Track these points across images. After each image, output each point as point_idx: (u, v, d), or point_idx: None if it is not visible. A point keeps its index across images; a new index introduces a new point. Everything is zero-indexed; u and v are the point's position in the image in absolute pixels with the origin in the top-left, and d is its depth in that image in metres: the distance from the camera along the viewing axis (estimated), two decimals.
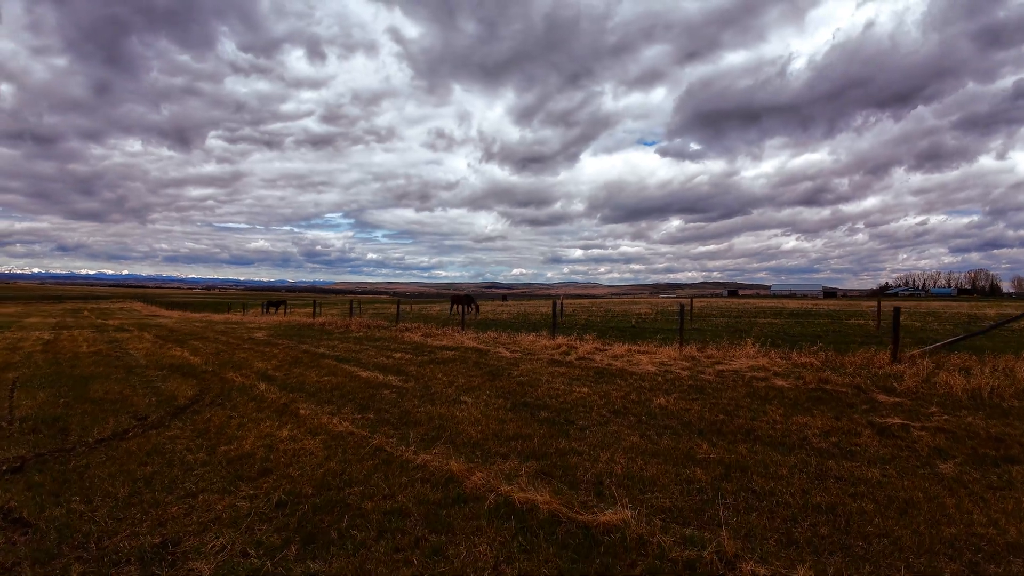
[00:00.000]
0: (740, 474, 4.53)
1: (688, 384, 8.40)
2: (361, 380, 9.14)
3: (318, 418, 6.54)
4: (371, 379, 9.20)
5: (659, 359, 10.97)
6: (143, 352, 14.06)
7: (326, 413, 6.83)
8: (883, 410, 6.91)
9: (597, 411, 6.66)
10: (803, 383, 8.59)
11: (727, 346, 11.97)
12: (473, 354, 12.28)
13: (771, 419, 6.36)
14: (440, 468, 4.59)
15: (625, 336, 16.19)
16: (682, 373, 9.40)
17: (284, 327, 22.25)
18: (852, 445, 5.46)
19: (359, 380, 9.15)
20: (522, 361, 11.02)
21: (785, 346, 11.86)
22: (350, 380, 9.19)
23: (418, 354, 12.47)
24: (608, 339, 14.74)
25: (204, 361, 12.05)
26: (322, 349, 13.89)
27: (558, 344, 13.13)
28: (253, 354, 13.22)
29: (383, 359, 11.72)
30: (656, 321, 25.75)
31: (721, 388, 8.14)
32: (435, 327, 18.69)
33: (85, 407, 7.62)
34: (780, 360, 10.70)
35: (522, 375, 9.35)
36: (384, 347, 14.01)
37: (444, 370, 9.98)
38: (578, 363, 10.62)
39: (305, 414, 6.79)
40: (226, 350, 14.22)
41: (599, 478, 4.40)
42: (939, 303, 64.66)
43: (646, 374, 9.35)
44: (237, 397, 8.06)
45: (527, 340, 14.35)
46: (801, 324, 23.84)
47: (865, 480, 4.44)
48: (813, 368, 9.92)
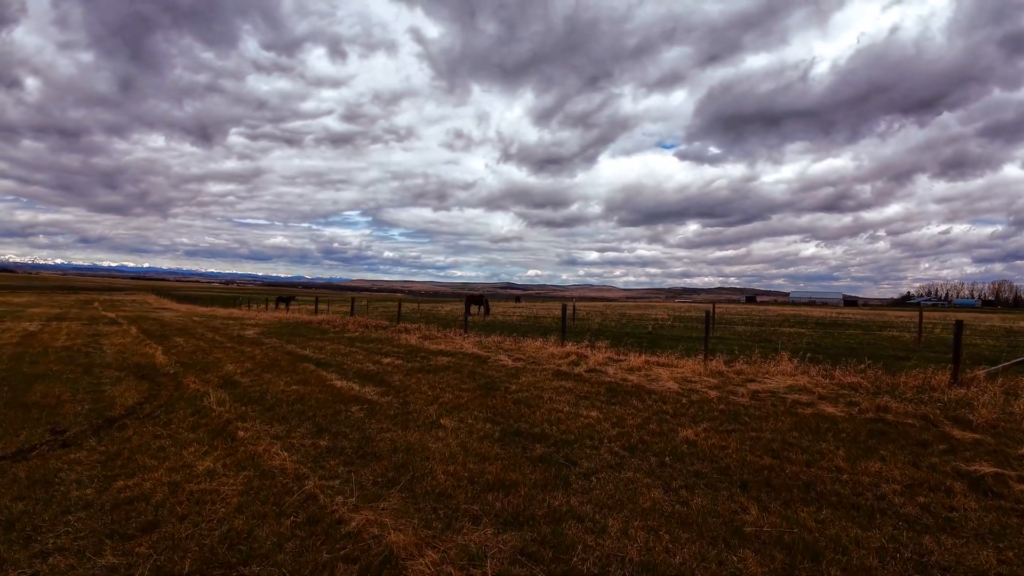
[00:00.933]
0: (811, 564, 3.13)
1: (719, 409, 6.95)
2: (333, 391, 7.84)
3: (256, 444, 5.23)
4: (344, 390, 7.89)
5: (682, 374, 9.53)
6: (116, 348, 12.97)
7: (271, 437, 5.52)
8: (964, 451, 5.44)
9: (608, 446, 5.25)
10: (858, 411, 7.11)
11: (759, 360, 10.49)
12: (471, 361, 10.94)
13: (833, 464, 4.90)
14: (378, 540, 3.23)
15: (642, 344, 14.74)
16: (710, 393, 7.95)
17: (281, 324, 21.15)
18: (947, 509, 4.02)
19: (330, 391, 7.85)
20: (524, 372, 9.65)
21: (824, 361, 10.34)
22: (320, 390, 7.90)
23: (409, 359, 11.17)
24: (623, 347, 13.31)
25: (172, 361, 10.87)
26: (307, 351, 12.66)
27: (567, 352, 11.74)
28: (230, 354, 12.04)
29: (368, 365, 10.43)
30: (674, 328, 24.16)
31: (760, 416, 6.69)
32: (437, 329, 17.40)
33: (10, 414, 6.47)
34: (823, 379, 9.20)
35: (521, 390, 7.98)
36: (375, 350, 12.74)
37: (432, 381, 8.65)
38: (588, 376, 9.21)
39: (244, 436, 5.49)
40: (205, 349, 13.07)
41: (605, 568, 3.02)
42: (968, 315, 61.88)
43: (667, 393, 7.92)
44: (180, 409, 6.81)
45: (533, 347, 12.98)
46: (831, 335, 22.10)
47: None
48: (864, 391, 8.42)
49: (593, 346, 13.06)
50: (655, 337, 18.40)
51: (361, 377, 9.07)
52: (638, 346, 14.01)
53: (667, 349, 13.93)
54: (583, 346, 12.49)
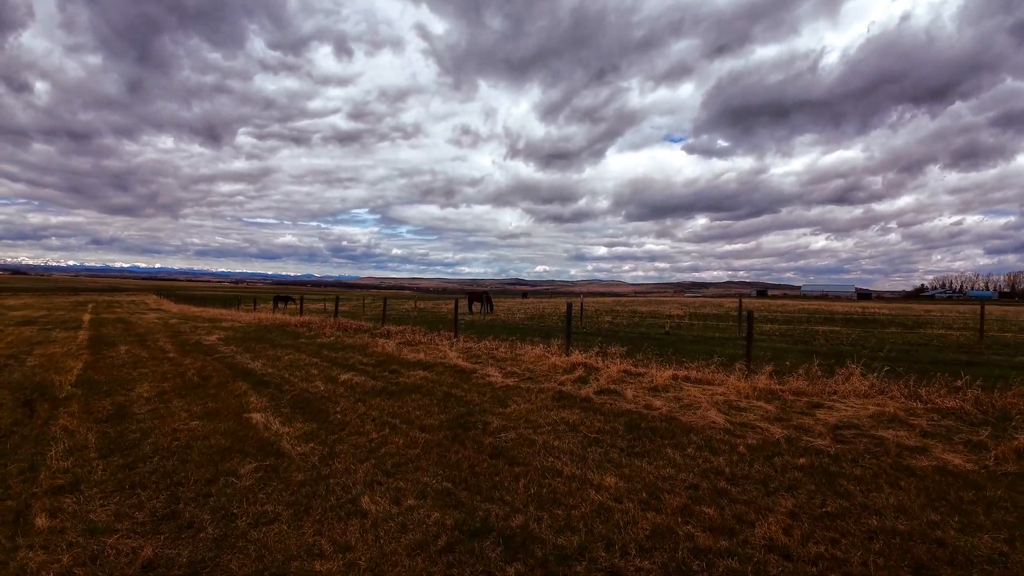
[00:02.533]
0: None
1: (798, 464, 4.61)
2: (240, 432, 5.59)
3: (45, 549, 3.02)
4: (258, 430, 5.63)
5: (723, 395, 7.22)
6: (38, 361, 10.82)
7: (81, 529, 3.31)
8: None
9: (638, 564, 2.98)
10: (993, 461, 4.80)
11: (815, 372, 8.15)
12: (450, 377, 8.67)
13: None
14: None
15: (661, 349, 12.44)
16: (772, 431, 5.63)
17: (255, 328, 19.00)
18: None
19: (237, 431, 5.61)
20: (515, 394, 7.36)
21: (882, 370, 8.03)
22: (225, 429, 5.67)
23: (375, 375, 8.92)
24: (640, 354, 11.02)
25: (83, 380, 8.72)
26: (257, 363, 10.46)
27: (572, 364, 9.44)
28: (162, 369, 9.86)
29: (318, 384, 8.19)
30: (693, 327, 21.73)
31: (864, 476, 4.35)
32: (423, 332, 15.15)
33: None
34: (911, 403, 6.86)
35: (506, 428, 5.68)
36: (339, 361, 10.51)
37: (388, 412, 6.38)
38: (600, 402, 6.91)
39: (43, 526, 3.29)
40: (139, 362, 10.90)
41: None
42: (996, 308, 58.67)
43: (712, 432, 5.60)
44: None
45: (532, 355, 10.69)
46: (872, 335, 19.61)
47: None
48: (975, 421, 6.10)
49: (605, 353, 10.76)
50: (674, 339, 16.05)
51: (297, 405, 6.83)
52: (657, 351, 11.71)
53: (691, 355, 11.60)
54: (592, 354, 10.18)
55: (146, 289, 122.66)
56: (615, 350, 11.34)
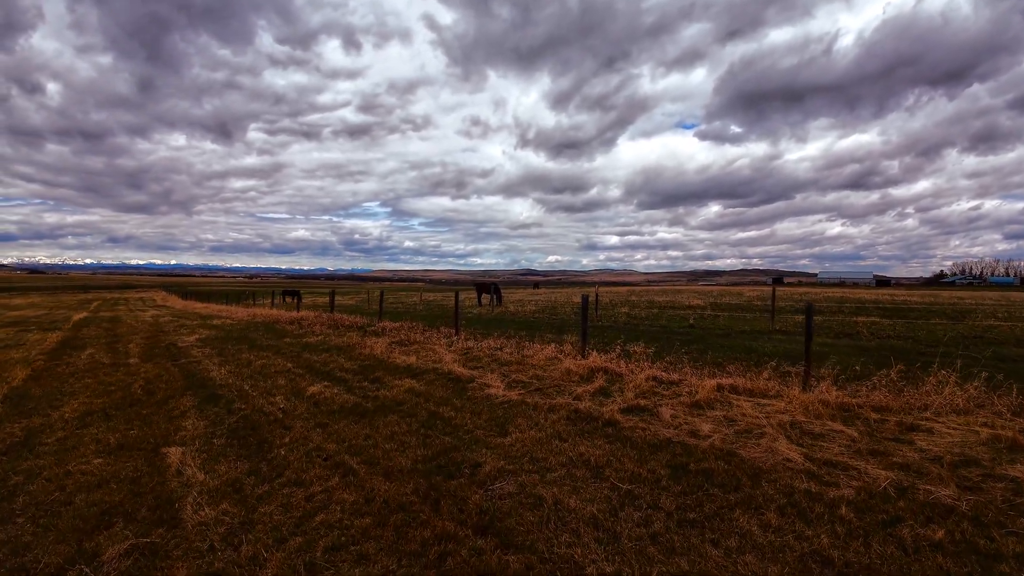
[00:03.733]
0: None
1: (938, 541, 3.04)
2: (146, 479, 4.13)
3: None
4: (167, 477, 4.17)
5: (786, 414, 5.62)
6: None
7: None
8: None
9: None
10: None
11: (894, 380, 6.52)
12: (442, 388, 7.15)
13: None
14: None
15: (689, 345, 10.83)
16: (872, 473, 4.03)
17: (244, 325, 17.65)
18: None
19: (143, 478, 4.15)
20: (519, 413, 5.82)
21: (973, 377, 6.36)
22: (128, 473, 4.21)
23: (352, 385, 7.43)
24: (668, 353, 9.42)
25: (8, 395, 7.34)
26: (224, 368, 9.03)
27: (590, 369, 7.86)
28: (110, 379, 8.46)
29: (280, 399, 6.70)
30: (718, 319, 19.95)
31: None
32: (422, 329, 13.65)
33: None
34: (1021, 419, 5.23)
35: (503, 474, 4.14)
36: (318, 366, 9.05)
37: (351, 443, 4.87)
38: (628, 424, 5.34)
39: None
40: (94, 370, 9.53)
41: None
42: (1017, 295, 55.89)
43: (789, 475, 4.02)
44: None
45: (542, 356, 9.14)
46: (915, 326, 17.75)
47: None
48: None
49: (627, 353, 9.17)
50: (701, 333, 14.38)
51: (237, 433, 5.34)
52: (686, 350, 10.11)
53: (726, 354, 9.96)
54: (613, 356, 8.59)
55: (159, 286, 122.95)
56: (639, 349, 9.76)
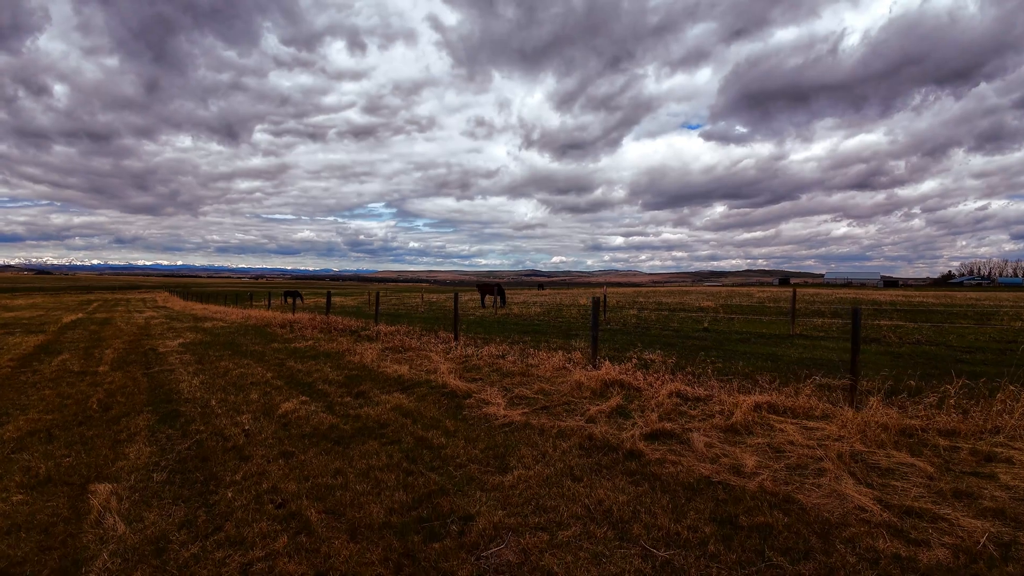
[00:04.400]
0: None
1: None
2: (56, 529, 3.23)
3: None
4: (83, 528, 3.26)
5: (840, 439, 4.67)
6: None
7: None
8: None
9: None
10: None
11: (950, 395, 5.57)
12: (434, 406, 6.24)
13: None
14: None
15: (706, 350, 9.88)
16: (965, 524, 3.06)
17: (233, 329, 16.79)
18: None
19: (54, 528, 3.24)
20: (522, 441, 4.89)
21: None
22: (41, 519, 3.30)
23: (332, 402, 6.52)
24: (687, 360, 8.48)
25: None
26: (197, 379, 8.14)
27: (604, 381, 6.91)
28: (70, 390, 7.57)
29: (246, 418, 5.79)
30: (732, 321, 18.96)
31: None
32: (419, 333, 12.75)
33: None
34: None
35: (501, 531, 3.18)
36: (300, 376, 8.15)
37: (316, 481, 3.95)
38: (654, 456, 4.40)
39: None
40: (59, 379, 8.65)
41: None
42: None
43: (865, 530, 3.07)
44: None
45: (549, 366, 8.21)
46: (942, 329, 16.70)
47: None
48: None
49: (644, 362, 8.23)
50: (718, 337, 13.40)
51: (184, 464, 4.43)
52: (706, 357, 9.17)
53: (750, 362, 9.00)
54: (629, 366, 7.65)
55: (163, 287, 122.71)
56: (655, 358, 8.83)
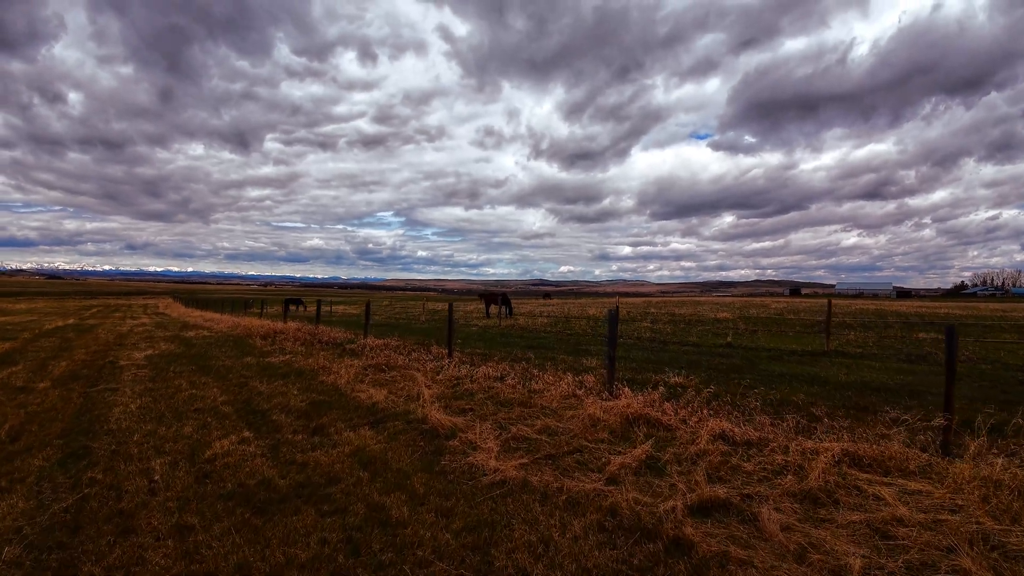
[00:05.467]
0: None
1: None
2: None
3: None
4: None
5: (953, 513, 3.26)
6: None
7: None
8: None
9: None
10: None
11: None
12: (406, 451, 4.85)
13: None
14: None
15: (738, 372, 8.46)
16: None
17: (215, 338, 15.53)
18: None
19: None
20: (516, 513, 3.50)
21: None
22: None
23: (281, 441, 5.15)
24: (718, 383, 7.07)
25: None
26: (137, 403, 6.81)
27: (624, 416, 5.51)
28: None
29: (157, 464, 4.46)
30: (755, 335, 17.43)
31: None
32: (410, 346, 11.40)
33: None
34: None
35: None
36: (259, 401, 6.81)
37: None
38: (709, 548, 3.00)
39: None
40: None
41: None
42: None
43: None
44: None
45: (556, 392, 6.81)
46: (987, 345, 15.10)
47: None
48: None
49: (671, 390, 6.82)
50: (748, 356, 11.90)
51: (45, 540, 3.10)
52: (740, 380, 7.75)
53: (792, 386, 7.56)
54: (653, 395, 6.24)
55: (169, 293, 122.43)
56: (681, 381, 7.41)
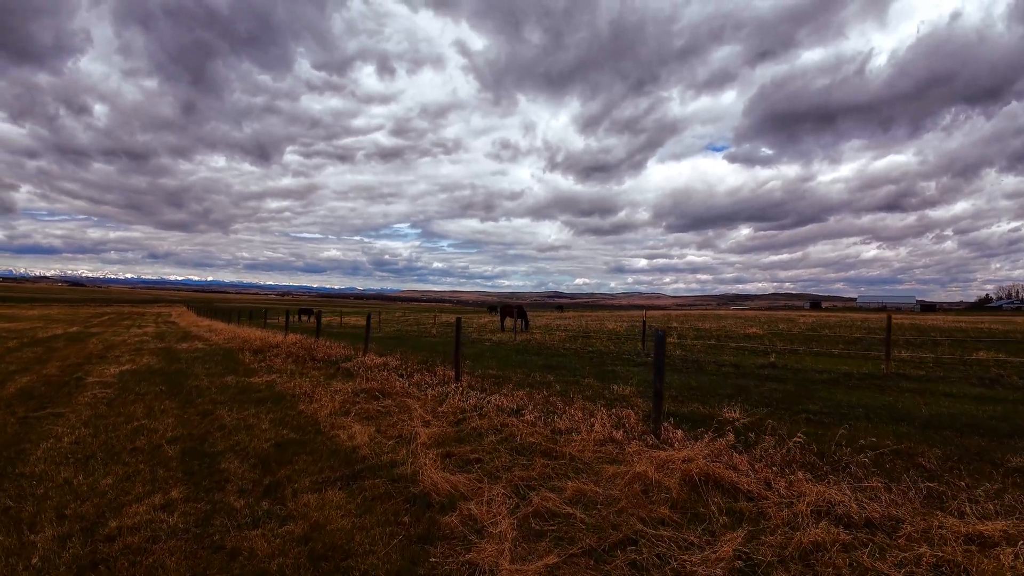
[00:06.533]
0: None
1: None
2: None
3: None
4: None
5: None
6: None
7: None
8: None
9: None
10: None
11: None
12: (379, 535, 3.40)
13: None
14: None
15: (796, 400, 6.92)
16: None
17: (203, 353, 14.30)
18: None
19: None
20: None
21: None
22: None
23: (218, 504, 3.78)
24: (786, 420, 5.57)
25: None
26: (68, 440, 5.53)
27: (685, 477, 4.05)
28: None
29: (44, 538, 3.13)
30: (798, 355, 15.73)
31: None
32: (413, 367, 10.00)
33: None
34: None
35: None
36: (214, 442, 5.44)
37: None
38: None
39: None
40: None
41: None
42: None
43: None
44: None
45: (589, 438, 5.36)
46: None
47: None
48: None
49: (737, 434, 5.34)
50: (800, 380, 10.28)
51: None
52: (804, 416, 6.24)
53: (868, 422, 5.99)
54: (714, 441, 4.76)
55: (185, 302, 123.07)
56: (740, 417, 5.91)
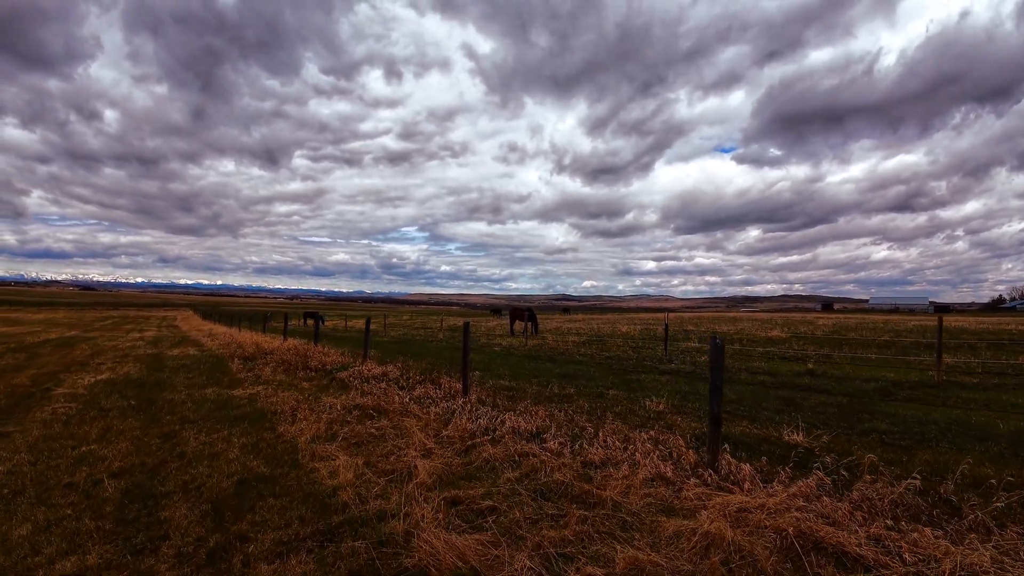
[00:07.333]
0: None
1: None
2: None
3: None
4: None
5: None
6: None
7: None
8: None
9: None
10: None
11: None
12: None
13: None
14: None
15: (856, 415, 5.75)
16: None
17: (193, 359, 13.27)
18: None
19: None
20: None
21: None
22: None
23: None
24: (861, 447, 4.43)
25: None
26: (3, 467, 4.50)
27: (780, 538, 2.95)
28: None
29: None
30: (832, 360, 14.45)
31: None
32: (415, 377, 8.90)
33: None
34: None
35: None
36: (164, 476, 4.38)
37: None
38: None
39: None
40: None
41: None
42: None
43: None
44: None
45: (634, 479, 4.26)
46: None
47: None
48: None
49: (794, 455, 4.21)
50: (849, 392, 9.07)
51: None
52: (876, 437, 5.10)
53: (947, 440, 4.83)
54: (806, 482, 3.65)
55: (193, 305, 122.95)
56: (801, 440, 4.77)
